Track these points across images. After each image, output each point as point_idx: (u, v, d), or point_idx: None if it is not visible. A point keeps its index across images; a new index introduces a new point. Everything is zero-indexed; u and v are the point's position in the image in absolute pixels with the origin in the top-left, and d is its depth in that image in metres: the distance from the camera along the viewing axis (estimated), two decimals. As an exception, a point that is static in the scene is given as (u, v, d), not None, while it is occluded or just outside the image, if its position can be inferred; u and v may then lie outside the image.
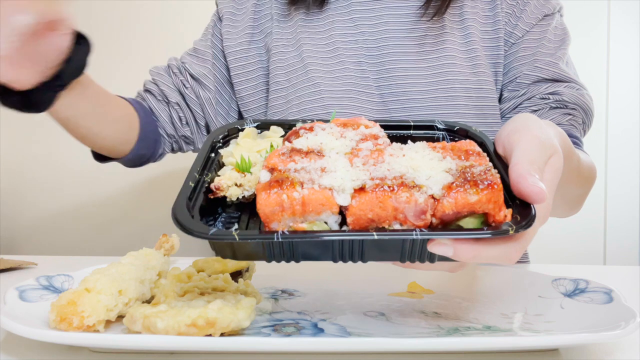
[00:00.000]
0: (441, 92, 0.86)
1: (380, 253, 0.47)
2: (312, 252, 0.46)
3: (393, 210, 0.44)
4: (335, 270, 0.72)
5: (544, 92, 0.87)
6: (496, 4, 0.90)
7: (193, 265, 0.61)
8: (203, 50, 0.98)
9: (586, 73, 1.76)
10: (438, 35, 0.88)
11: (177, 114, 0.96)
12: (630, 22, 1.80)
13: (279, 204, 0.44)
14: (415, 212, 0.44)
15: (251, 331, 0.53)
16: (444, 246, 0.44)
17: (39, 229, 1.79)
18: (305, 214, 0.45)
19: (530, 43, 0.89)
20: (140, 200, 1.79)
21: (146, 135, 0.91)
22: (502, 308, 0.61)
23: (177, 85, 0.97)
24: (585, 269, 0.84)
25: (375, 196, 0.44)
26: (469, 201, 0.44)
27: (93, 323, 0.49)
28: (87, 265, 0.63)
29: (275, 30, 0.94)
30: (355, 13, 0.91)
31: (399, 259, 0.47)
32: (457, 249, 0.44)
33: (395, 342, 0.47)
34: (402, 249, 0.46)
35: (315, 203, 0.45)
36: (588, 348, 0.52)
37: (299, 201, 0.44)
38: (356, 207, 0.44)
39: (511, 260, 0.45)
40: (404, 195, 0.44)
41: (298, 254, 0.46)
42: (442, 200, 0.45)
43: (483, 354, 0.50)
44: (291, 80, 0.91)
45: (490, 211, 0.45)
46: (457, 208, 0.45)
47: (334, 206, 0.45)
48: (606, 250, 1.82)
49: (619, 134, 1.79)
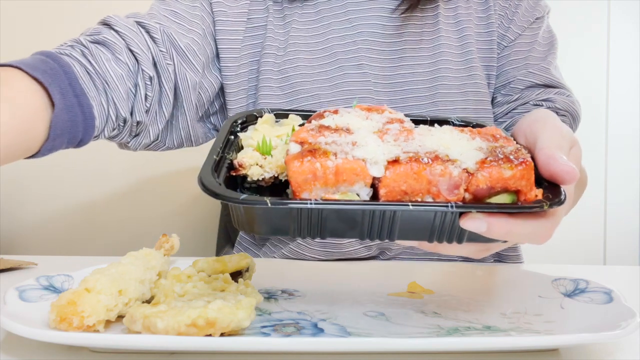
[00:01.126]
0: (439, 97, 0.85)
1: (410, 229, 0.45)
2: (341, 227, 0.45)
3: (427, 183, 0.44)
4: (335, 270, 0.72)
5: (537, 98, 0.88)
6: (489, 5, 0.89)
7: (193, 265, 0.61)
8: (189, 20, 0.80)
9: (586, 73, 1.76)
10: (434, 39, 0.87)
11: (146, 91, 0.72)
12: (630, 22, 1.80)
13: (312, 172, 0.44)
14: (449, 186, 0.44)
15: (251, 331, 0.53)
16: (478, 220, 0.44)
17: (39, 229, 1.79)
18: (338, 183, 0.44)
19: (522, 47, 0.89)
20: (140, 200, 1.79)
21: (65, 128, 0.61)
22: (502, 308, 0.61)
23: (154, 55, 0.74)
24: (585, 269, 0.84)
25: (410, 168, 0.44)
26: (503, 176, 0.44)
27: (93, 323, 0.49)
28: (87, 265, 0.63)
29: (270, 27, 0.86)
30: (352, 13, 0.87)
31: (428, 237, 0.46)
32: (491, 223, 0.44)
33: (395, 342, 0.47)
34: (432, 224, 0.45)
35: (349, 172, 0.44)
36: (588, 348, 0.52)
37: (332, 170, 0.44)
38: (390, 178, 0.44)
39: (542, 238, 0.45)
40: (439, 167, 0.44)
41: (326, 228, 0.45)
42: (477, 174, 0.45)
43: (483, 354, 0.50)
44: (284, 89, 0.85)
45: (523, 188, 0.45)
46: (491, 183, 0.45)
47: (367, 177, 0.44)
48: (606, 250, 1.82)
49: (619, 134, 1.79)
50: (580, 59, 1.71)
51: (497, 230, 0.44)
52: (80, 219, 1.79)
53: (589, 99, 1.67)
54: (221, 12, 0.84)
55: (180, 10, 0.81)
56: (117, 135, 0.73)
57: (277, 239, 0.91)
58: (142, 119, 0.73)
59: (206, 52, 0.82)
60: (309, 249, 0.84)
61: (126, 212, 1.79)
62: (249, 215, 0.44)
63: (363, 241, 0.62)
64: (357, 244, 0.83)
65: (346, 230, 0.45)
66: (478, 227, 0.44)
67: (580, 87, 1.00)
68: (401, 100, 0.85)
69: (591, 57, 1.79)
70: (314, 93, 0.84)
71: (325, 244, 0.83)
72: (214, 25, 0.84)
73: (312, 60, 0.86)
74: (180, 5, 0.82)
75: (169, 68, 0.75)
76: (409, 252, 0.85)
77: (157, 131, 0.77)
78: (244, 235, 0.96)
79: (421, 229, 0.45)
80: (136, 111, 0.72)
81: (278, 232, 0.45)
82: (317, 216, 0.44)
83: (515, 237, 0.45)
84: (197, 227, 1.81)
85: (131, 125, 0.73)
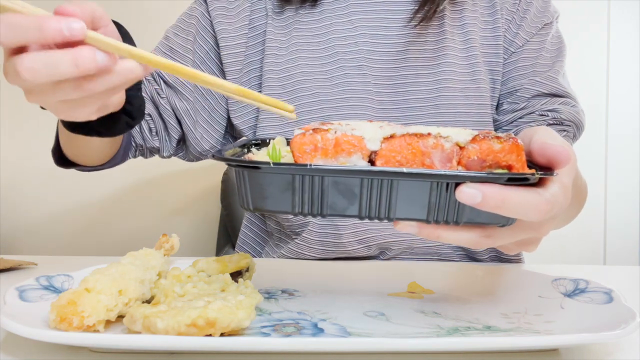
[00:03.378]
0: (442, 100, 0.84)
1: (407, 204, 0.47)
2: (340, 202, 0.47)
3: (420, 155, 0.47)
4: (335, 270, 0.72)
5: (543, 108, 0.87)
6: (496, 10, 0.88)
7: (193, 265, 0.61)
8: (181, 53, 0.90)
9: (586, 73, 1.76)
10: (439, 41, 0.86)
11: (148, 125, 0.89)
12: (630, 22, 1.80)
13: (313, 142, 0.47)
14: (441, 158, 0.47)
15: (251, 331, 0.53)
16: (472, 189, 0.44)
17: (39, 229, 1.79)
18: (337, 154, 0.47)
19: (530, 53, 0.88)
20: (140, 200, 1.79)
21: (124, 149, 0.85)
22: (502, 308, 0.61)
23: (150, 94, 0.89)
24: (585, 269, 0.84)
25: (405, 140, 0.47)
26: (493, 148, 0.46)
27: (93, 323, 0.49)
28: (87, 265, 0.63)
29: (269, 29, 0.88)
30: (355, 14, 0.87)
31: (426, 215, 0.47)
32: (485, 192, 0.44)
33: (395, 342, 0.47)
34: (429, 197, 0.46)
35: (348, 143, 0.47)
36: (588, 348, 0.52)
37: (332, 142, 0.47)
38: (385, 149, 0.47)
39: (537, 212, 0.45)
40: (431, 140, 0.47)
41: (325, 203, 0.47)
42: (467, 147, 0.47)
43: (483, 354, 0.50)
44: (285, 87, 0.86)
45: (514, 163, 0.46)
46: (482, 155, 0.47)
47: (364, 149, 0.47)
48: (606, 250, 1.82)
49: (619, 134, 1.79)
50: (580, 59, 1.71)
51: (492, 199, 0.44)
52: (80, 219, 1.79)
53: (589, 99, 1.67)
54: (223, 30, 0.89)
55: (176, 45, 0.91)
56: (141, 155, 0.92)
57: (277, 238, 0.91)
58: (155, 145, 0.91)
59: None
60: (309, 248, 0.84)
61: (126, 212, 1.79)
62: (253, 182, 0.47)
63: (362, 220, 0.63)
64: (357, 244, 0.83)
65: (346, 205, 0.47)
66: (473, 197, 0.44)
67: (580, 88, 1.00)
68: (403, 101, 0.85)
69: (591, 57, 1.79)
70: (314, 91, 0.85)
71: (326, 242, 0.83)
72: (216, 44, 0.90)
73: (314, 59, 0.86)
74: (176, 39, 0.91)
75: (162, 101, 0.89)
76: (409, 252, 0.85)
77: (170, 151, 0.93)
78: (243, 237, 0.97)
79: (419, 205, 0.46)
80: (148, 139, 0.90)
81: (280, 204, 0.47)
82: (318, 186, 0.46)
83: (509, 208, 0.45)
84: (197, 227, 1.81)
85: (148, 148, 0.91)
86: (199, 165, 1.77)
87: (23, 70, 0.43)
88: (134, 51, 0.46)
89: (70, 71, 0.43)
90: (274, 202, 0.47)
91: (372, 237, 0.83)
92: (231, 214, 1.59)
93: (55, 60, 0.43)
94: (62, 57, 0.43)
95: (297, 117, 0.82)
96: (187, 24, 0.92)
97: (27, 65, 0.43)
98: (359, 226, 0.82)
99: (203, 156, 0.94)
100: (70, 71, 0.43)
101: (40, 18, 0.43)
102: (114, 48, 0.45)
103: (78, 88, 0.45)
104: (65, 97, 0.46)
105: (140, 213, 1.81)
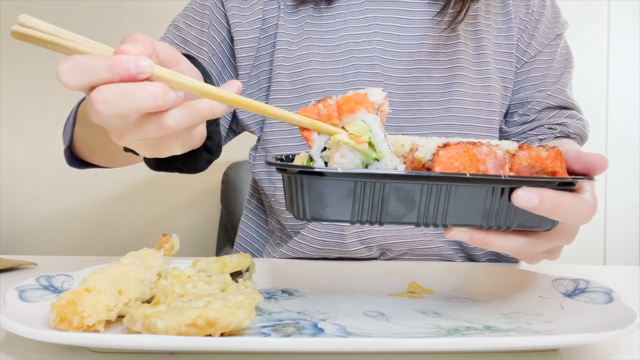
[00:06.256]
0: (453, 103, 0.84)
1: (464, 209, 0.48)
2: (399, 209, 0.47)
3: (476, 162, 0.48)
4: (335, 270, 0.72)
5: (551, 121, 0.89)
6: (510, 18, 0.89)
7: (193, 265, 0.61)
8: (196, 46, 0.87)
9: (586, 74, 1.76)
10: (452, 45, 0.86)
11: None
12: (630, 21, 1.80)
13: (316, 112, 0.48)
14: (495, 164, 0.48)
15: (251, 331, 0.53)
16: (529, 193, 0.46)
17: (39, 229, 1.79)
18: (342, 116, 0.47)
19: (541, 64, 0.90)
20: (140, 200, 1.80)
21: None
22: (502, 308, 0.61)
23: None
24: (585, 269, 0.84)
25: (461, 147, 0.47)
26: (541, 155, 0.49)
27: (93, 323, 0.49)
28: (87, 265, 0.63)
29: (281, 23, 0.87)
30: (370, 12, 0.86)
31: (481, 220, 0.48)
32: (542, 195, 0.46)
33: (395, 342, 0.47)
34: (485, 202, 0.47)
35: (349, 102, 0.48)
36: (588, 348, 0.52)
37: (333, 106, 0.48)
38: (443, 156, 0.47)
39: (586, 216, 0.49)
40: (485, 148, 0.48)
41: (385, 210, 0.47)
42: (518, 154, 0.49)
43: (483, 354, 0.50)
44: (295, 84, 0.85)
45: (558, 170, 0.49)
46: (531, 161, 0.49)
47: (367, 102, 0.48)
48: (606, 250, 1.82)
49: (619, 134, 1.79)
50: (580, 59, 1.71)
51: (548, 202, 0.46)
52: (80, 219, 1.79)
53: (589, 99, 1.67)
54: (238, 23, 0.87)
55: (190, 37, 0.88)
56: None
57: (278, 237, 0.91)
58: None
59: (216, 68, 0.88)
60: (310, 247, 0.84)
61: (126, 212, 1.79)
62: (313, 190, 0.46)
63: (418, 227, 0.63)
64: (359, 244, 0.83)
65: (405, 212, 0.47)
66: (530, 200, 0.46)
67: (580, 88, 1.00)
68: (414, 103, 0.85)
69: (591, 57, 1.79)
70: (325, 89, 0.84)
71: (328, 242, 0.83)
72: (229, 37, 0.88)
73: (326, 56, 0.85)
74: (190, 31, 0.88)
75: None
76: (410, 254, 0.85)
77: None
78: (242, 235, 0.96)
79: (475, 210, 0.48)
80: None
81: (339, 212, 0.47)
82: (379, 193, 0.46)
83: (562, 211, 0.47)
84: (197, 227, 1.81)
85: None
86: (199, 165, 1.76)
87: (96, 103, 0.42)
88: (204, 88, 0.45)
89: (144, 102, 0.43)
90: (334, 210, 0.47)
91: (374, 238, 0.83)
92: (231, 214, 1.59)
93: (129, 91, 0.42)
94: (137, 89, 0.43)
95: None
96: (199, 14, 0.89)
97: (100, 98, 0.42)
98: (362, 227, 0.82)
99: None
100: (144, 102, 0.43)
101: (109, 58, 0.42)
102: (180, 85, 0.44)
103: (159, 127, 0.45)
104: (147, 135, 0.46)
105: (140, 213, 1.81)
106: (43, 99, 1.74)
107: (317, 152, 0.49)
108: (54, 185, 1.78)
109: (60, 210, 1.80)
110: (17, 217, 1.78)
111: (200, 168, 0.65)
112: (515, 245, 0.50)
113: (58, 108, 1.77)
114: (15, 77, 1.75)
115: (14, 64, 1.75)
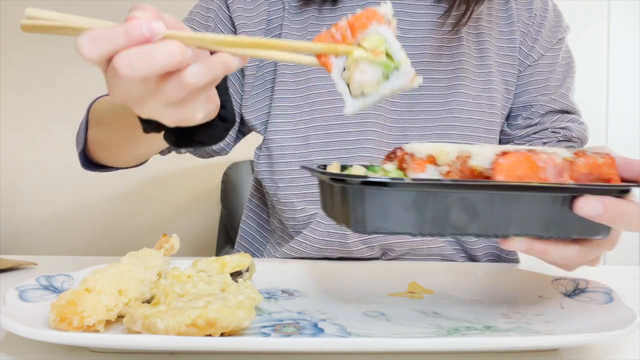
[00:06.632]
0: (455, 105, 0.85)
1: (527, 219, 0.47)
2: (461, 220, 0.46)
3: (537, 170, 0.47)
4: (335, 270, 0.72)
5: (555, 125, 0.89)
6: (513, 21, 0.89)
7: (193, 265, 0.61)
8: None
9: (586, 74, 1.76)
10: (455, 47, 0.86)
11: None
12: (630, 21, 1.80)
13: (329, 36, 0.47)
14: (555, 172, 0.47)
15: (251, 331, 0.53)
16: (593, 202, 0.46)
17: (39, 229, 1.79)
18: (355, 34, 0.47)
19: (544, 67, 0.90)
20: (140, 201, 1.80)
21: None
22: (502, 308, 0.61)
23: None
24: (585, 269, 0.84)
25: (521, 155, 0.47)
26: (598, 162, 0.48)
27: (93, 323, 0.49)
28: (87, 265, 0.63)
29: (286, 23, 0.87)
30: None
31: (542, 230, 0.47)
32: (606, 204, 0.45)
33: (395, 342, 0.47)
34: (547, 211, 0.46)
35: (360, 19, 0.47)
36: (588, 348, 0.52)
37: (345, 27, 0.47)
38: (504, 164, 0.46)
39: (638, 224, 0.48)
40: (544, 155, 0.47)
41: (448, 221, 0.45)
42: (576, 161, 0.48)
43: (483, 354, 0.50)
44: (299, 84, 0.85)
45: (613, 177, 0.48)
46: (589, 169, 0.48)
47: (377, 15, 0.47)
48: (606, 250, 1.82)
49: (619, 135, 1.79)
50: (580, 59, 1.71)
51: (612, 211, 0.46)
52: (80, 219, 1.79)
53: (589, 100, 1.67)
54: (243, 25, 0.88)
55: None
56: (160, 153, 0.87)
57: (279, 237, 0.91)
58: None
59: None
60: (311, 246, 0.84)
61: (126, 212, 1.79)
62: (374, 201, 0.45)
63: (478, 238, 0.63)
64: (360, 244, 0.83)
65: (468, 223, 0.46)
66: (594, 209, 0.45)
67: (580, 88, 1.00)
68: (417, 104, 0.85)
69: (591, 58, 1.79)
70: (329, 90, 0.84)
71: (330, 242, 0.83)
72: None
73: None
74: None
75: None
76: (411, 254, 0.85)
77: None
78: (242, 234, 0.96)
79: (537, 218, 0.47)
80: None
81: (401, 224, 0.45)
82: (442, 203, 0.45)
83: (627, 221, 0.46)
84: (197, 227, 1.81)
85: None
86: (199, 165, 1.77)
87: (121, 68, 0.43)
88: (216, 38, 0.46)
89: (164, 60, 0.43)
90: (396, 222, 0.45)
91: (376, 238, 0.83)
92: (231, 214, 1.59)
93: (150, 51, 0.43)
94: (155, 49, 0.43)
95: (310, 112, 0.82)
96: (204, 18, 0.90)
97: (122, 62, 0.43)
98: None
99: (216, 154, 0.93)
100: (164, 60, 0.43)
101: (123, 25, 0.43)
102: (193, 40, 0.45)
103: (180, 85, 0.45)
104: (170, 98, 0.46)
105: (141, 213, 1.81)
106: (43, 100, 1.74)
107: (338, 75, 0.48)
108: (54, 186, 1.78)
109: (61, 211, 1.80)
110: (17, 217, 1.78)
111: (220, 137, 0.64)
112: (569, 255, 0.49)
113: (58, 108, 1.77)
114: (15, 77, 1.75)
115: (14, 64, 1.75)
